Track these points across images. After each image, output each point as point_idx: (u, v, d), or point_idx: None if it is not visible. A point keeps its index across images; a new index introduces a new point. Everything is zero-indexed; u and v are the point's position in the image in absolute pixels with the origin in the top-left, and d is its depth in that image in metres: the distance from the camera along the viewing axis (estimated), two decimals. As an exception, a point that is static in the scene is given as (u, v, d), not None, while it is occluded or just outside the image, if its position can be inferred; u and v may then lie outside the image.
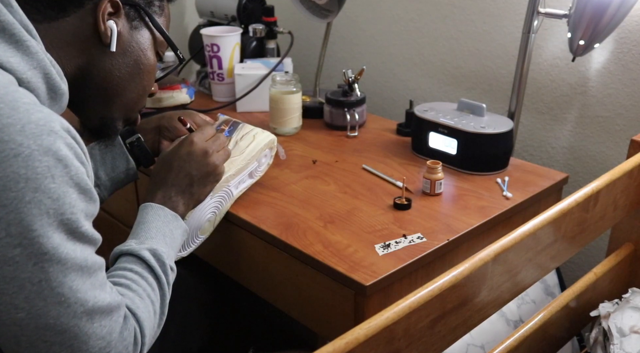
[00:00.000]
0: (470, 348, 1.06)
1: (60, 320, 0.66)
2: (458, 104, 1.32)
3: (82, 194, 0.67)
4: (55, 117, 0.67)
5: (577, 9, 1.16)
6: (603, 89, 1.34)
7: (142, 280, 0.81)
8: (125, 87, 0.88)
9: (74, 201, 0.66)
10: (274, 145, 1.15)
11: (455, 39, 1.57)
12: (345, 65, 1.82)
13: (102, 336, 0.69)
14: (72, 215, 0.65)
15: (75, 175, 0.66)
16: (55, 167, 0.64)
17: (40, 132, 0.63)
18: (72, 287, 0.66)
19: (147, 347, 0.77)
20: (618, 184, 0.95)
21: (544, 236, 0.83)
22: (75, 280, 0.66)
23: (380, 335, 0.62)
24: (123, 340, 0.72)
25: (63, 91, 0.75)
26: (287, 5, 1.59)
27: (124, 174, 1.05)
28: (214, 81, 1.65)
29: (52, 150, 0.64)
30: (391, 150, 1.36)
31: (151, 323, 0.79)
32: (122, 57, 0.86)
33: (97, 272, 0.70)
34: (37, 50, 0.71)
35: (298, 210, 1.10)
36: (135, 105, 0.93)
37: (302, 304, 1.03)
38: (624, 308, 0.99)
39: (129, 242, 0.86)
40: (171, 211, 0.91)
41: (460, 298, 0.72)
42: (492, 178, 1.22)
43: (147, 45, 0.89)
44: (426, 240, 1.00)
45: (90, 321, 0.68)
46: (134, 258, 0.83)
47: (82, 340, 0.68)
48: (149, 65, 0.90)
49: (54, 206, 0.63)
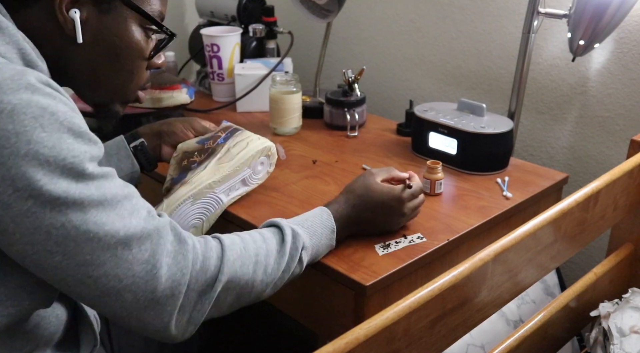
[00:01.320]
0: (470, 348, 1.06)
1: (96, 254, 0.66)
2: (458, 104, 1.32)
3: (78, 138, 0.66)
4: (30, 71, 0.66)
5: (577, 9, 1.16)
6: (603, 89, 1.34)
7: (262, 243, 0.82)
8: (107, 74, 0.83)
9: (71, 145, 0.65)
10: (271, 153, 1.12)
11: (455, 39, 1.57)
12: (345, 65, 1.82)
13: (146, 259, 0.69)
14: (74, 158, 0.65)
15: (65, 120, 0.65)
16: (42, 116, 0.63)
17: (17, 86, 0.63)
18: (97, 222, 0.66)
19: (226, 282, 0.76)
20: (618, 184, 0.95)
21: (544, 236, 0.83)
22: (97, 215, 0.66)
23: (380, 335, 0.62)
24: (177, 263, 0.72)
25: (42, 68, 0.72)
26: (287, 5, 1.59)
27: (128, 177, 1.06)
28: (214, 81, 1.65)
29: (33, 101, 0.63)
30: (391, 150, 1.36)
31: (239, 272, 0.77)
32: (93, 46, 0.79)
33: (122, 202, 0.69)
34: (8, 26, 0.69)
35: (298, 210, 1.09)
36: (125, 87, 0.87)
37: (302, 304, 1.03)
38: (624, 308, 0.99)
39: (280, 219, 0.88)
40: (334, 224, 0.93)
41: (460, 298, 0.72)
42: (492, 178, 1.22)
43: (121, 27, 0.81)
44: (426, 240, 1.00)
45: (127, 249, 0.68)
46: (275, 228, 0.86)
47: (126, 268, 0.68)
48: (128, 48, 0.83)
49: (52, 154, 0.63)
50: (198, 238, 0.77)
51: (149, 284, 0.69)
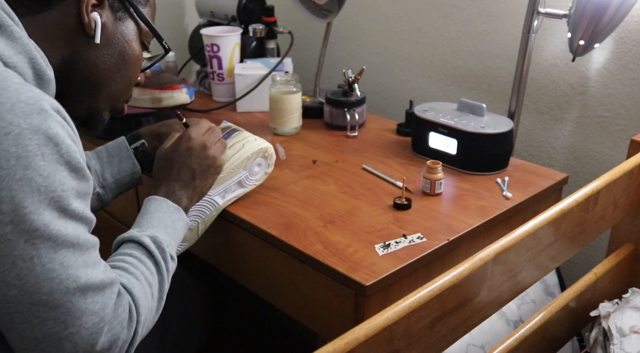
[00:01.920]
0: (470, 348, 1.06)
1: (53, 296, 0.66)
2: (458, 104, 1.32)
3: (73, 172, 0.68)
4: (45, 96, 0.67)
5: (577, 9, 1.16)
6: (603, 89, 1.34)
7: (141, 264, 0.82)
8: (111, 78, 0.88)
9: (64, 179, 0.66)
10: (269, 154, 1.12)
11: (455, 39, 1.57)
12: (345, 65, 1.82)
13: (95, 311, 0.70)
14: (63, 192, 0.66)
15: (66, 153, 0.67)
16: (46, 145, 0.65)
17: (30, 110, 0.64)
18: (64, 263, 0.66)
19: (143, 327, 0.78)
20: (618, 184, 0.95)
21: (544, 236, 0.83)
22: (66, 257, 0.67)
23: (380, 335, 0.62)
24: (117, 316, 0.73)
25: (49, 77, 0.75)
26: (287, 5, 1.59)
27: (129, 177, 1.07)
28: (214, 81, 1.65)
29: (42, 129, 0.64)
30: (391, 150, 1.36)
31: (148, 304, 0.79)
32: (106, 48, 0.85)
33: (90, 250, 0.71)
34: (21, 35, 0.71)
35: (298, 210, 1.10)
36: (121, 95, 0.92)
37: (302, 304, 1.03)
38: (624, 308, 0.99)
39: (131, 230, 0.87)
40: (174, 204, 0.93)
41: (460, 298, 0.72)
42: (492, 178, 1.22)
43: (131, 36, 0.88)
44: (426, 240, 1.00)
45: (82, 297, 0.68)
46: (135, 244, 0.84)
47: (75, 316, 0.68)
48: (134, 56, 0.89)
49: (45, 184, 0.64)
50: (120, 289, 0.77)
51: (92, 337, 0.70)
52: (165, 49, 0.97)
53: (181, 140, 0.99)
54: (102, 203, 1.06)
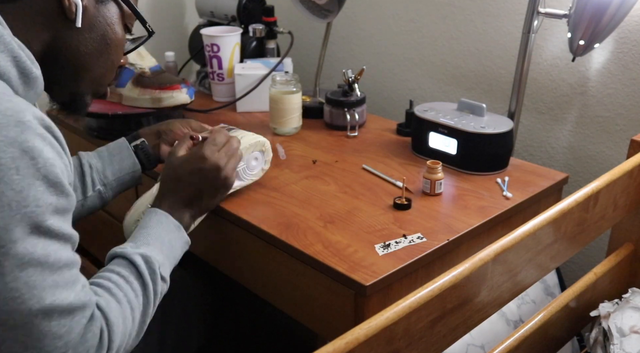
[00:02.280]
0: (470, 348, 1.06)
1: (13, 316, 0.63)
2: (458, 104, 1.32)
3: (51, 187, 0.65)
4: (26, 106, 0.65)
5: (577, 9, 1.16)
6: (603, 89, 1.34)
7: (127, 285, 0.79)
8: (93, 62, 0.86)
9: (40, 194, 0.63)
10: (265, 148, 1.13)
11: (455, 39, 1.57)
12: (345, 65, 1.82)
13: (60, 335, 0.67)
14: (37, 208, 0.63)
15: (43, 168, 0.64)
16: (21, 158, 0.62)
17: (7, 122, 0.62)
18: (29, 282, 0.63)
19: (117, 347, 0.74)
20: (618, 184, 0.95)
21: (544, 236, 0.83)
22: (32, 276, 0.64)
23: (380, 335, 0.62)
24: (84, 342, 0.69)
25: (36, 75, 0.73)
26: (287, 5, 1.59)
27: (129, 176, 1.07)
28: (214, 81, 1.65)
29: (17, 142, 0.62)
30: (391, 150, 1.36)
31: (125, 329, 0.76)
32: (88, 32, 0.83)
33: (63, 270, 0.67)
34: (3, 33, 0.69)
35: (298, 210, 1.10)
36: (104, 79, 0.90)
37: (302, 304, 1.03)
38: (624, 308, 0.99)
39: (125, 245, 0.85)
40: (175, 221, 0.91)
41: (460, 298, 0.72)
42: (492, 178, 1.22)
43: (114, 19, 0.86)
44: (426, 240, 1.00)
45: (47, 319, 0.65)
46: (125, 261, 0.82)
47: (37, 338, 0.65)
48: (117, 39, 0.87)
49: (17, 198, 0.62)
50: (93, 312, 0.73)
51: None
52: (149, 32, 0.95)
53: (194, 158, 0.96)
54: (103, 201, 1.06)
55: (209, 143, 0.98)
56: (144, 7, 1.91)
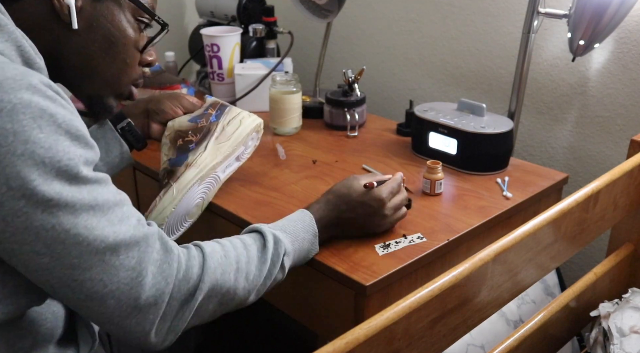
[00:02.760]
0: (470, 348, 1.06)
1: (84, 258, 0.66)
2: (458, 104, 1.32)
3: (75, 141, 0.66)
4: (32, 72, 0.66)
5: (577, 9, 1.16)
6: (603, 89, 1.34)
7: (243, 250, 0.81)
8: (100, 63, 0.84)
9: (68, 148, 0.65)
10: (261, 129, 1.15)
11: (455, 39, 1.57)
12: (345, 65, 1.82)
13: (132, 267, 0.69)
14: (70, 161, 0.65)
15: (64, 123, 0.65)
16: (41, 117, 0.63)
17: (18, 86, 0.63)
18: (87, 226, 0.66)
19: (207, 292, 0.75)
20: (618, 184, 0.95)
21: (544, 236, 0.83)
22: (88, 220, 0.66)
23: (380, 335, 0.62)
24: (162, 271, 0.71)
25: (40, 65, 0.73)
26: (287, 5, 1.59)
27: (118, 158, 1.06)
28: (214, 81, 1.65)
29: (33, 102, 0.63)
30: (391, 150, 1.36)
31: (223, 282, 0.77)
32: (88, 33, 0.81)
33: (114, 208, 0.69)
34: (7, 23, 0.70)
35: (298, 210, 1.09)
36: (119, 79, 0.88)
37: (302, 304, 1.03)
38: (624, 308, 0.99)
39: (263, 224, 0.88)
40: (316, 228, 0.92)
41: (460, 298, 0.72)
42: (492, 178, 1.22)
43: (115, 15, 0.83)
44: (426, 240, 1.00)
45: (115, 254, 0.68)
46: (257, 234, 0.85)
47: (111, 273, 0.68)
48: (123, 36, 0.85)
49: (48, 155, 0.63)
50: (181, 247, 0.77)
51: (133, 291, 0.69)
52: (162, 25, 0.92)
53: (373, 195, 0.96)
54: None
55: (388, 189, 0.98)
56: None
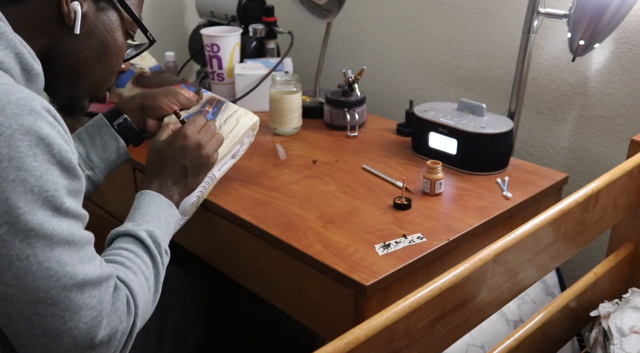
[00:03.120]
0: (470, 348, 1.06)
1: (51, 293, 0.67)
2: (458, 104, 1.32)
3: (64, 171, 0.68)
4: (35, 96, 0.67)
5: (577, 9, 1.16)
6: (603, 89, 1.34)
7: (137, 258, 0.83)
8: (91, 68, 0.86)
9: (57, 178, 0.67)
10: (257, 126, 1.16)
11: (455, 39, 1.57)
12: (345, 65, 1.82)
13: (93, 306, 0.70)
14: (56, 191, 0.66)
15: (58, 153, 0.67)
16: (37, 145, 0.65)
17: (20, 111, 0.64)
18: (60, 260, 0.67)
19: (141, 319, 0.79)
20: (618, 184, 0.95)
21: (544, 236, 0.83)
22: (62, 254, 0.67)
23: (380, 335, 0.62)
24: (115, 310, 0.74)
25: (37, 71, 0.75)
26: (287, 5, 1.59)
27: (115, 154, 1.07)
28: (214, 81, 1.65)
29: (33, 129, 0.65)
30: (391, 150, 1.36)
31: (145, 297, 0.80)
32: (87, 39, 0.83)
33: (85, 247, 0.71)
34: (5, 30, 0.71)
35: (298, 210, 1.10)
36: (102, 84, 0.91)
37: (302, 304, 1.03)
38: (624, 308, 0.99)
39: (126, 224, 0.88)
40: (166, 199, 0.94)
41: (460, 298, 0.72)
42: (492, 178, 1.22)
43: (114, 26, 0.86)
44: (426, 240, 1.00)
45: (80, 292, 0.69)
46: (131, 238, 0.85)
47: (73, 311, 0.69)
48: (116, 46, 0.88)
49: (38, 184, 0.65)
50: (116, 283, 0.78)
51: (91, 331, 0.70)
52: (150, 41, 0.96)
53: (177, 137, 0.99)
54: (94, 185, 1.06)
55: (190, 124, 1.01)
56: (144, 8, 1.91)
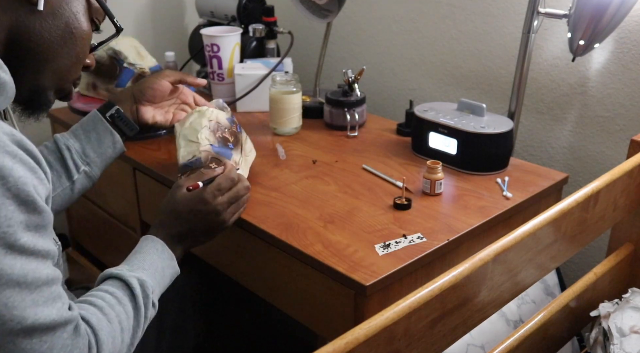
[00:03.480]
0: (470, 348, 1.06)
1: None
2: (458, 104, 1.32)
3: (22, 205, 0.64)
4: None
5: (577, 9, 1.16)
6: (603, 89, 1.34)
7: (119, 306, 0.80)
8: (56, 51, 0.82)
9: (10, 213, 0.62)
10: None
11: (455, 39, 1.57)
12: (345, 65, 1.82)
13: (42, 352, 0.66)
14: (9, 228, 0.62)
15: (14, 187, 0.63)
16: None
17: None
18: (8, 304, 0.63)
19: None
20: (618, 184, 0.95)
21: (544, 236, 0.83)
22: (11, 297, 0.63)
23: (380, 335, 0.62)
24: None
25: (4, 80, 0.72)
26: (287, 5, 1.59)
27: (111, 148, 1.07)
28: (214, 81, 1.65)
29: None
30: (391, 150, 1.36)
31: (114, 349, 0.76)
32: (51, 18, 0.80)
33: (42, 288, 0.66)
34: None
35: (298, 210, 1.10)
36: (68, 73, 0.86)
37: (302, 304, 1.03)
38: (624, 308, 0.99)
39: (121, 266, 0.86)
40: (170, 251, 0.93)
41: (460, 298, 0.72)
42: (492, 178, 1.22)
43: (79, 8, 0.83)
44: (426, 240, 1.00)
45: (28, 337, 0.64)
46: (121, 283, 0.83)
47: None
48: (82, 30, 0.84)
49: None
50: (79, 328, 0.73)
51: None
52: (117, 28, 0.91)
53: (196, 199, 0.97)
54: (92, 180, 1.06)
55: (214, 187, 0.98)
56: (144, 8, 1.92)
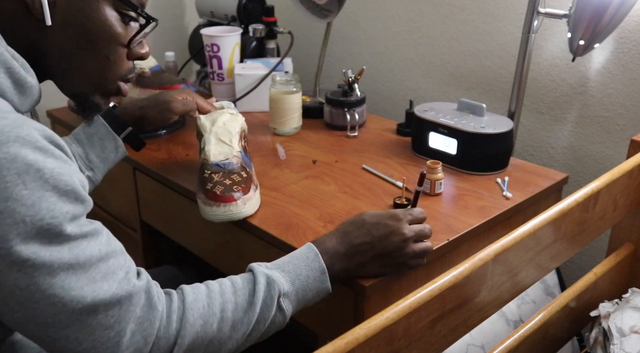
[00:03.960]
0: (470, 348, 1.06)
1: (59, 318, 0.64)
2: (458, 104, 1.32)
3: (63, 196, 0.64)
4: (23, 121, 0.64)
5: (577, 9, 1.16)
6: (603, 89, 1.34)
7: (232, 295, 0.77)
8: (80, 60, 0.79)
9: (53, 205, 0.63)
10: None
11: (455, 39, 1.57)
12: (345, 65, 1.82)
13: (110, 325, 0.67)
14: (53, 219, 0.62)
15: (51, 178, 0.63)
16: (27, 172, 0.61)
17: (6, 139, 0.61)
18: (64, 286, 0.64)
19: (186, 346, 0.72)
20: (618, 184, 0.95)
21: (544, 236, 0.83)
22: (66, 280, 0.64)
23: (380, 335, 0.62)
24: (142, 330, 0.69)
25: (31, 84, 0.71)
26: (287, 5, 1.59)
27: (113, 153, 1.07)
28: (214, 81, 1.65)
29: (19, 157, 0.61)
30: (391, 150, 1.36)
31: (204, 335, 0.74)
32: (63, 30, 0.76)
33: (97, 264, 0.66)
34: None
35: (298, 210, 1.09)
36: (102, 77, 0.83)
37: (302, 304, 1.03)
38: (624, 308, 0.99)
39: (263, 263, 0.83)
40: (323, 263, 0.84)
41: (460, 298, 0.72)
42: (492, 178, 1.22)
43: (93, 10, 0.78)
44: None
45: (93, 314, 0.65)
46: (250, 275, 0.80)
47: (87, 332, 0.66)
48: (102, 31, 0.79)
49: (29, 213, 0.61)
50: (165, 295, 0.74)
51: (109, 351, 0.67)
52: (146, 18, 0.84)
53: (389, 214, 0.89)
54: (94, 185, 1.06)
55: (408, 212, 0.91)
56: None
